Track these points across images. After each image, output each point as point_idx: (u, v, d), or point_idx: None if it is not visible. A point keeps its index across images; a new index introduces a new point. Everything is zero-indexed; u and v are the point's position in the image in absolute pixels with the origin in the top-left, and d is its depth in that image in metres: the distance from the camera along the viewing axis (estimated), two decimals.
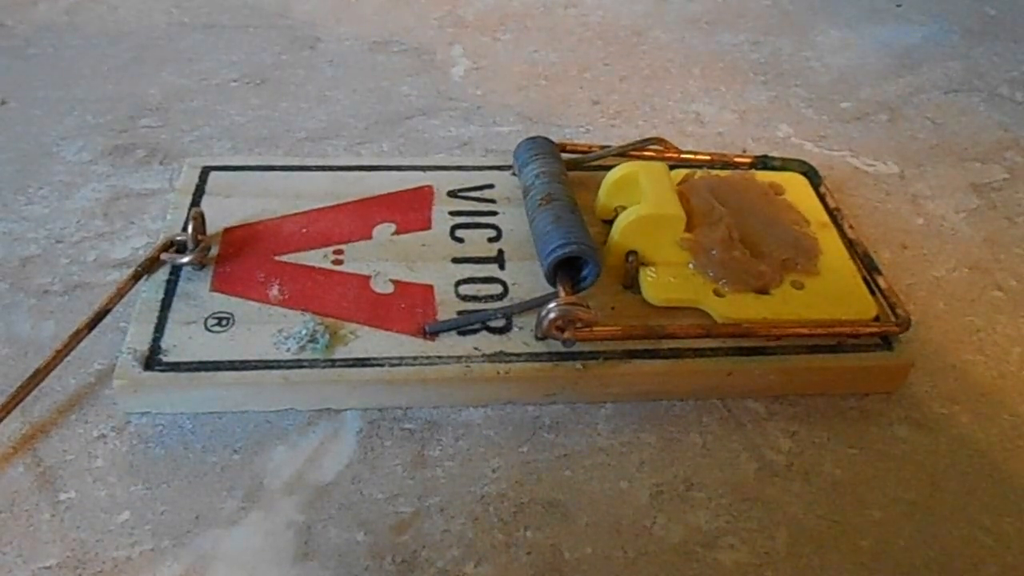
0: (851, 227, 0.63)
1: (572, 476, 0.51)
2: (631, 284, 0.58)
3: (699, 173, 0.64)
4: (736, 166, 0.68)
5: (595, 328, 0.53)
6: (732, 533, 0.49)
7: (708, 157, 0.68)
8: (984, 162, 0.77)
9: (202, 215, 0.58)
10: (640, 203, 0.58)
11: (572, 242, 0.54)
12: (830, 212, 0.64)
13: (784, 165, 0.68)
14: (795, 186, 0.66)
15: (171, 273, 0.57)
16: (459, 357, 0.53)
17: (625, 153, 0.66)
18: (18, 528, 0.46)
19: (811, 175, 0.67)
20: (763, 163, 0.68)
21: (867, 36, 0.94)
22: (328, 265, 0.58)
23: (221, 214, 0.61)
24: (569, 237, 0.55)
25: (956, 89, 0.86)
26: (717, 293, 0.56)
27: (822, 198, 0.65)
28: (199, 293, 0.56)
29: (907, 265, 0.66)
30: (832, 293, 0.58)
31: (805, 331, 0.55)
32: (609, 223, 0.60)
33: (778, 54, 0.90)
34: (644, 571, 0.47)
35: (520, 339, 0.55)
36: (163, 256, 0.57)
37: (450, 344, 0.54)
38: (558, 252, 0.54)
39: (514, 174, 0.65)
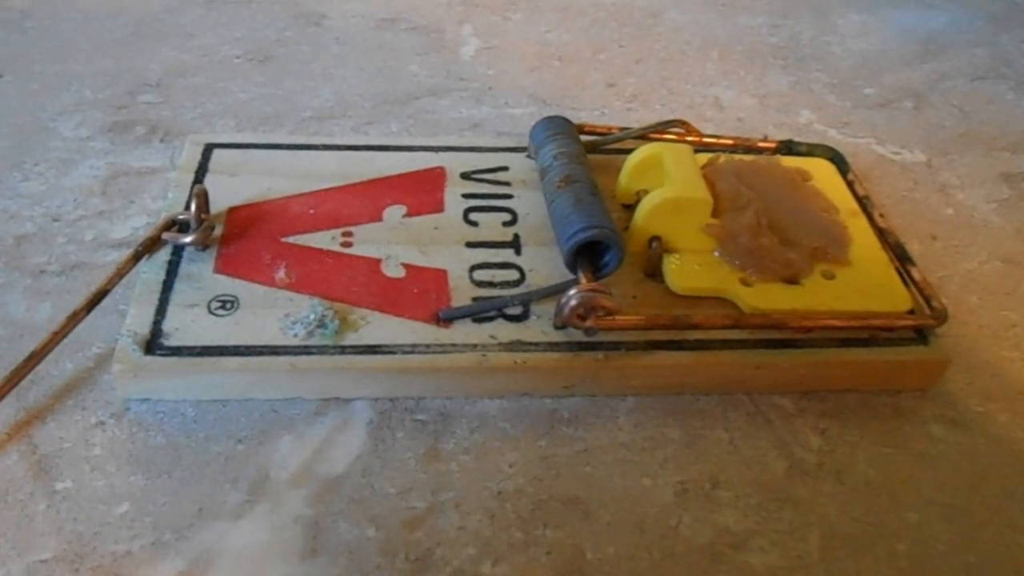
0: (881, 216, 0.61)
1: (593, 472, 0.49)
2: (653, 272, 0.56)
3: (723, 157, 0.62)
4: (760, 151, 0.66)
5: (618, 317, 0.51)
6: (762, 534, 0.47)
7: (731, 141, 0.66)
8: (1014, 151, 0.75)
9: (205, 193, 0.56)
10: (664, 186, 0.56)
11: (594, 226, 0.52)
12: (859, 200, 0.62)
13: (810, 151, 0.66)
14: (822, 173, 0.64)
15: (173, 254, 0.55)
16: (474, 345, 0.51)
17: (645, 136, 0.65)
18: (12, 519, 0.45)
19: (838, 161, 0.65)
20: (788, 148, 0.66)
21: (889, 21, 0.92)
22: (337, 248, 0.57)
23: (225, 193, 0.59)
24: (591, 221, 0.53)
25: (982, 76, 0.84)
26: (744, 282, 0.55)
27: (850, 185, 0.63)
28: (202, 275, 0.54)
29: (938, 257, 0.64)
30: (864, 284, 0.56)
31: (837, 323, 0.53)
32: (630, 208, 0.58)
33: (798, 38, 0.88)
34: (671, 573, 0.45)
35: (538, 327, 0.53)
36: (164, 236, 0.55)
37: (465, 332, 0.52)
38: (580, 236, 0.52)
39: (529, 156, 0.64)
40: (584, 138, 0.63)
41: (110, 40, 0.79)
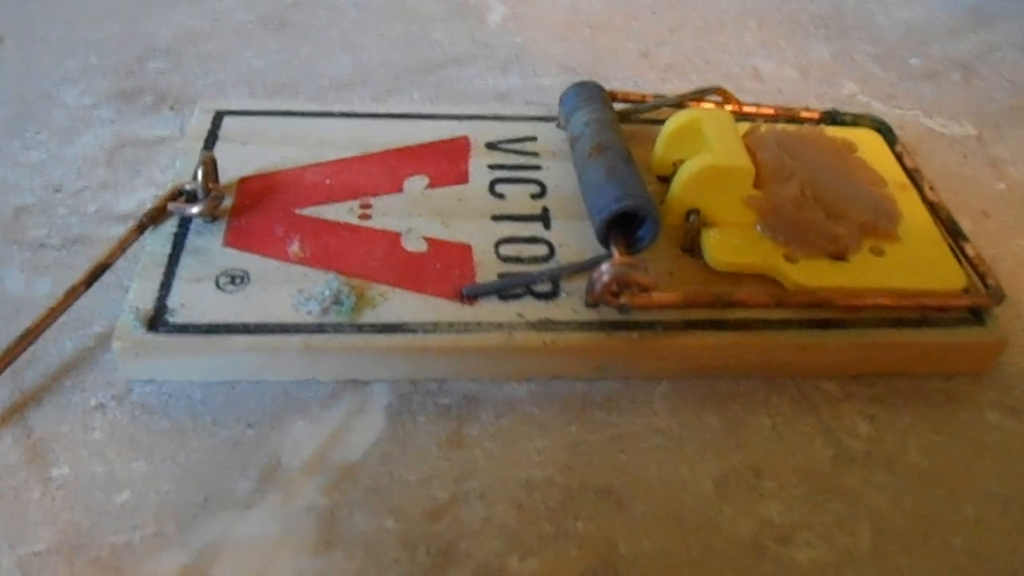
0: (932, 189, 0.58)
1: (627, 460, 0.47)
2: (691, 247, 0.54)
3: (764, 126, 0.59)
4: (803, 121, 0.63)
5: (653, 294, 0.49)
6: (808, 528, 0.45)
7: (772, 111, 0.64)
8: None
9: (214, 161, 0.54)
10: (703, 154, 0.53)
11: (628, 195, 0.50)
12: (908, 173, 0.60)
13: (855, 121, 0.64)
14: (869, 144, 0.62)
15: (179, 225, 0.53)
16: (500, 324, 0.49)
17: (681, 103, 0.62)
18: (4, 508, 0.43)
19: (885, 132, 0.63)
20: (832, 118, 0.64)
21: None
22: (354, 220, 0.54)
23: (236, 162, 0.57)
24: (625, 190, 0.50)
25: None
26: (788, 258, 0.52)
27: (899, 157, 0.61)
28: (210, 248, 0.52)
29: (990, 234, 0.62)
30: (915, 261, 0.53)
31: (887, 302, 0.51)
32: (666, 180, 0.56)
33: (840, 6, 0.86)
34: (711, 569, 0.43)
35: (568, 305, 0.50)
36: (171, 206, 0.53)
37: (490, 310, 0.50)
38: (613, 207, 0.50)
39: (559, 126, 0.62)
40: (617, 106, 0.60)
41: (117, 3, 0.78)
